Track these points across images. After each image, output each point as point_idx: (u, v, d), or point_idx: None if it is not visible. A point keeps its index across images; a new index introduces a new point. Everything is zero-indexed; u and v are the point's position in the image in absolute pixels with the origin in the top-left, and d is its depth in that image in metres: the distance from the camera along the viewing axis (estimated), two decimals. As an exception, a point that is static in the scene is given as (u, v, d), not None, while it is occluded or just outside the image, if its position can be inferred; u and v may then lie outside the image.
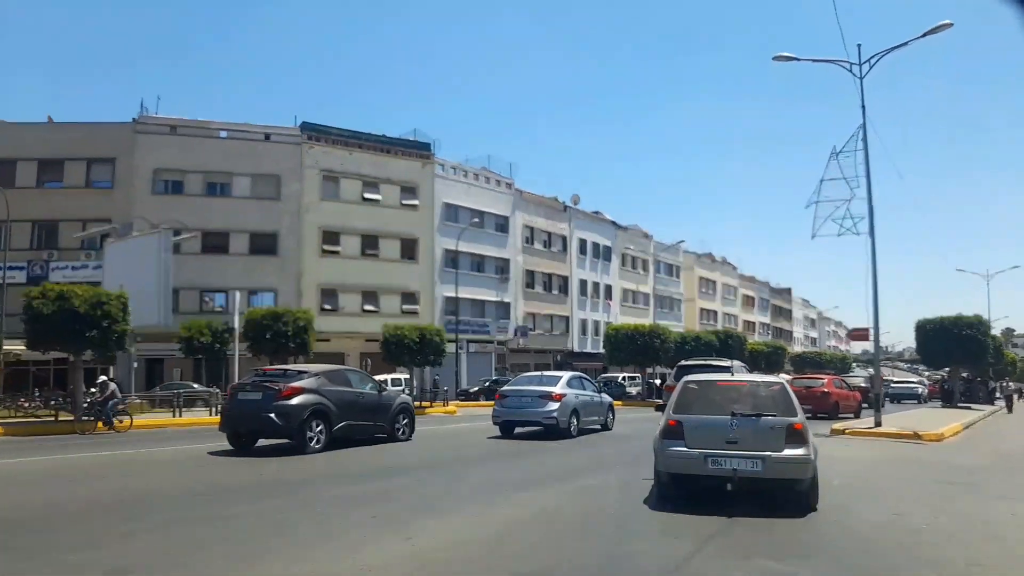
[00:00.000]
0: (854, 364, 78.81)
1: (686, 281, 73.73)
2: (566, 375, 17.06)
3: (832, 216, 17.66)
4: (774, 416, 7.57)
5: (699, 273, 76.12)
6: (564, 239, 55.46)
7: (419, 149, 44.47)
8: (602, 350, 49.65)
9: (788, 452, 7.38)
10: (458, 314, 42.85)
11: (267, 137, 39.52)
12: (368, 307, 40.47)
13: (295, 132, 39.96)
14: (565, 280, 55.21)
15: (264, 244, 38.81)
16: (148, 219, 37.02)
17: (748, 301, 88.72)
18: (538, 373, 18.70)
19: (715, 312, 78.19)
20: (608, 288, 60.33)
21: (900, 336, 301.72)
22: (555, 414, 15.61)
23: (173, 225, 36.75)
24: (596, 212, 61.32)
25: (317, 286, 39.53)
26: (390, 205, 42.63)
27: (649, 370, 43.59)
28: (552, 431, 15.67)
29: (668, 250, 66.88)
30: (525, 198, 51.85)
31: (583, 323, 56.75)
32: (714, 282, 79.53)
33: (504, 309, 49.06)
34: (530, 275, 51.73)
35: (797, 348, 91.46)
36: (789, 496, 7.58)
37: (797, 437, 7.46)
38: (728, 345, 51.93)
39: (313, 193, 39.88)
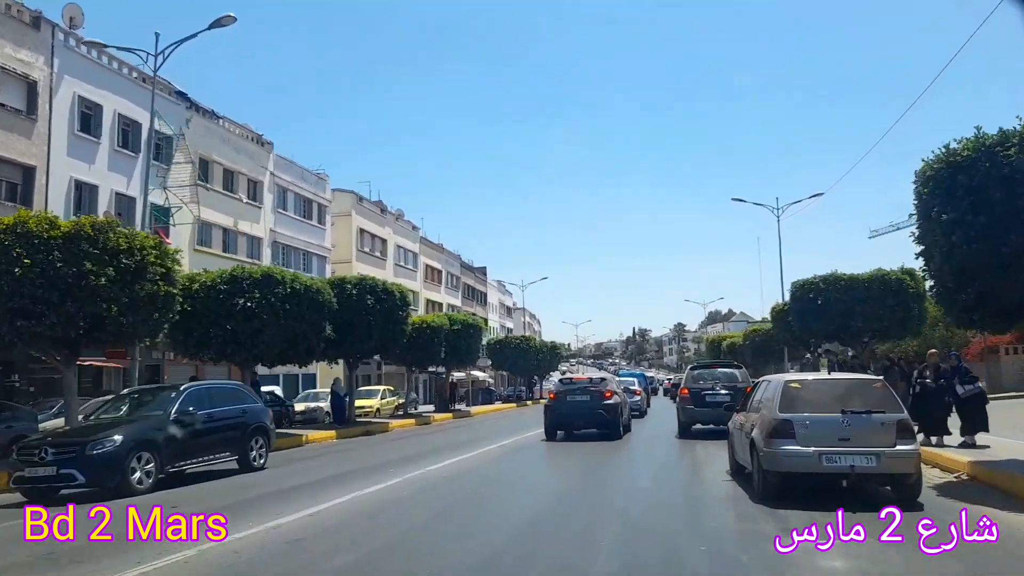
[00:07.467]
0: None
1: (340, 231, 47.26)
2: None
3: None
4: (883, 412, 7.79)
5: (360, 223, 50.05)
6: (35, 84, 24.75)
7: None
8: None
9: (900, 447, 7.63)
10: None
11: None
12: None
13: None
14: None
15: None
16: None
17: (433, 274, 65.29)
18: None
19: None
20: (167, 212, 30.80)
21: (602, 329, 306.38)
22: None
23: None
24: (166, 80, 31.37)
25: None
26: None
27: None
28: None
29: (305, 177, 39.27)
30: None
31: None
32: (384, 240, 54.19)
33: None
34: None
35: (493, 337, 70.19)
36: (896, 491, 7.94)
37: (906, 432, 7.84)
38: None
39: None
